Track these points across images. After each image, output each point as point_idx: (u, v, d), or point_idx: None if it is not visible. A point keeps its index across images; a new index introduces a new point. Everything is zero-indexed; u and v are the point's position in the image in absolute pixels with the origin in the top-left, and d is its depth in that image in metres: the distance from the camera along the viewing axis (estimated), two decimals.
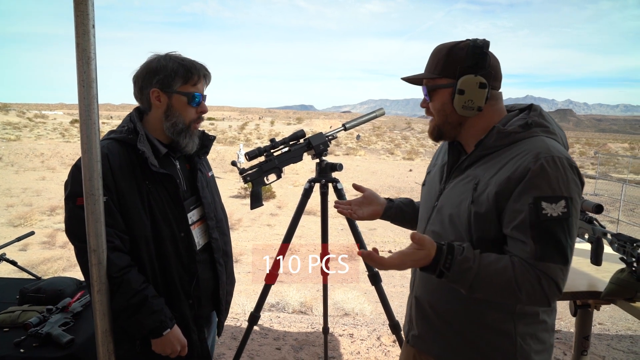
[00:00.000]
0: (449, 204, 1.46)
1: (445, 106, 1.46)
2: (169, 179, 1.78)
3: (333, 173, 2.61)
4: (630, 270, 1.81)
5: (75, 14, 1.38)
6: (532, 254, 1.26)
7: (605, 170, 27.31)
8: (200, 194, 1.93)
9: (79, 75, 1.43)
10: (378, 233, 12.18)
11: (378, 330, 4.31)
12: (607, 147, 59.56)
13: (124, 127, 1.79)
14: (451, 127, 1.48)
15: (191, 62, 1.79)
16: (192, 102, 1.79)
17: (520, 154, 1.32)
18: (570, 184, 1.27)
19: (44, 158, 26.12)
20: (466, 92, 1.39)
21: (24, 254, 9.58)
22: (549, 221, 1.25)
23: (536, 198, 1.25)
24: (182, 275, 1.80)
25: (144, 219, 1.72)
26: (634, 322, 5.19)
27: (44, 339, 1.94)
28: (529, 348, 1.41)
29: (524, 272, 1.26)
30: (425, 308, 1.54)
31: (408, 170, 26.71)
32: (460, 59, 1.40)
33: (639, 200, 16.47)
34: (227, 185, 18.83)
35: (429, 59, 1.49)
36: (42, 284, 2.37)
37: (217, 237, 1.99)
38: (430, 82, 1.48)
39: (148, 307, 1.66)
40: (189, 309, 1.83)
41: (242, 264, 9.10)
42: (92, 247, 1.53)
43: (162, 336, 1.70)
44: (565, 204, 1.25)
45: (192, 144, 1.85)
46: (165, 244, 1.76)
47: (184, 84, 1.76)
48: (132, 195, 1.70)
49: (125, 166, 1.71)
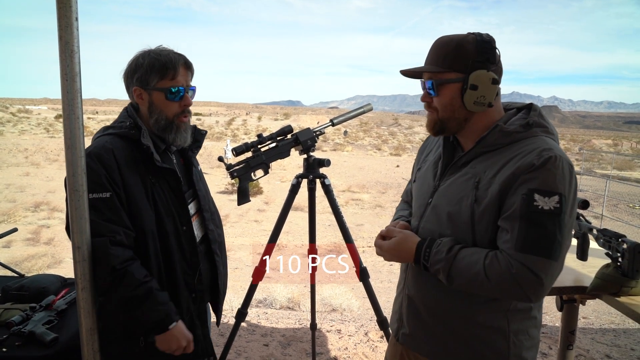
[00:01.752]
0: (447, 202, 1.44)
1: (454, 101, 1.41)
2: (172, 173, 1.79)
3: (321, 169, 2.60)
4: (616, 265, 1.83)
5: (58, 6, 1.35)
6: (511, 244, 1.27)
7: (590, 166, 27.69)
8: (195, 187, 1.95)
9: (62, 69, 1.40)
10: (365, 229, 12.22)
11: (366, 326, 4.32)
12: (592, 143, 60.39)
13: (124, 123, 1.77)
14: (457, 122, 1.44)
15: (168, 56, 1.74)
16: (171, 97, 1.76)
17: (522, 152, 1.32)
18: (567, 184, 1.27)
19: (28, 153, 25.75)
20: (479, 88, 1.36)
21: (7, 251, 9.43)
22: (538, 213, 1.25)
23: (530, 189, 1.26)
24: (185, 270, 1.81)
25: (150, 214, 1.71)
26: (617, 316, 5.27)
27: (27, 338, 1.90)
28: (521, 344, 1.42)
29: (493, 262, 1.28)
30: (418, 306, 1.54)
31: (395, 166, 26.82)
32: (470, 53, 1.37)
33: (622, 196, 16.73)
34: (214, 181, 18.72)
35: (433, 51, 1.43)
36: (25, 282, 2.33)
37: (213, 229, 2.00)
38: (437, 75, 1.42)
39: (153, 299, 1.63)
40: (192, 304, 1.83)
41: (229, 260, 9.05)
42: (76, 244, 1.51)
43: (168, 330, 1.66)
44: (558, 200, 1.25)
45: (180, 138, 1.82)
46: (169, 239, 1.76)
47: (161, 79, 1.73)
48: (138, 190, 1.70)
49: (131, 161, 1.70)
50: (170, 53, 1.77)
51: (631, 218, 14.09)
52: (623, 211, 15.27)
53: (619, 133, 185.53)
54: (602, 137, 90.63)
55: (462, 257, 1.34)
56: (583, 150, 22.03)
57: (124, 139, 1.73)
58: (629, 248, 1.76)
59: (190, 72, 1.83)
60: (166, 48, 1.79)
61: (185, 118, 1.82)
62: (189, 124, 1.88)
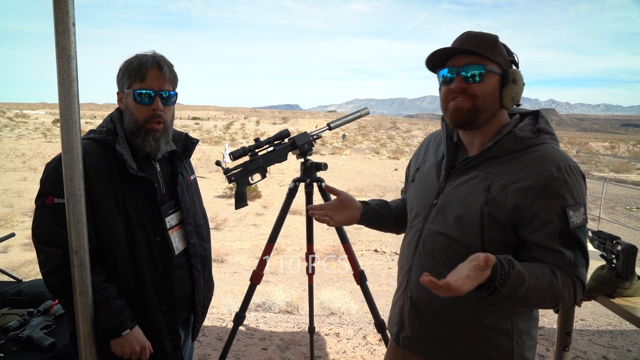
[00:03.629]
0: (455, 204, 1.43)
1: (494, 92, 1.39)
2: (147, 182, 1.74)
3: (318, 172, 2.61)
4: (610, 267, 1.84)
5: (55, 11, 1.36)
6: (569, 263, 1.30)
7: (587, 168, 27.72)
8: (179, 198, 1.89)
9: (59, 74, 1.40)
10: (364, 232, 12.21)
11: (364, 329, 4.32)
12: (589, 146, 60.50)
13: (103, 128, 1.76)
14: (489, 114, 1.40)
15: (140, 59, 1.72)
16: (138, 100, 1.71)
17: (539, 161, 1.33)
18: (584, 191, 1.33)
19: (26, 158, 25.70)
20: (518, 84, 1.38)
21: (5, 256, 9.42)
22: (576, 228, 1.30)
23: (563, 207, 1.29)
24: (157, 281, 1.76)
25: (118, 223, 1.68)
26: (614, 317, 5.28)
27: (24, 343, 1.91)
28: (524, 344, 1.44)
29: (564, 281, 1.30)
30: (422, 309, 1.52)
31: (394, 169, 26.83)
32: (505, 50, 1.41)
33: (619, 198, 16.76)
34: (213, 185, 18.72)
35: (474, 39, 1.39)
36: (22, 287, 2.34)
37: (195, 242, 1.94)
38: (485, 61, 1.37)
39: (108, 307, 1.63)
40: (162, 316, 1.78)
41: (227, 264, 9.06)
42: (74, 248, 1.51)
43: (121, 336, 1.66)
44: (584, 211, 1.32)
45: (149, 145, 1.75)
46: (139, 249, 1.72)
47: (132, 82, 1.72)
48: (107, 198, 1.67)
49: (102, 168, 1.68)
50: (145, 57, 1.73)
51: (628, 220, 14.11)
52: (620, 213, 15.30)
53: (616, 136, 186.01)
54: (599, 140, 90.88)
55: (535, 276, 1.26)
56: (580, 152, 22.08)
57: (101, 144, 1.72)
58: (623, 250, 1.77)
59: (167, 77, 1.74)
60: (153, 54, 1.75)
61: (157, 125, 1.74)
62: (165, 131, 1.79)
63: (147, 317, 1.75)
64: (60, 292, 1.64)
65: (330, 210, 1.67)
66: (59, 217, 1.60)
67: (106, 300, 1.63)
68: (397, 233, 1.84)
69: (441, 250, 1.46)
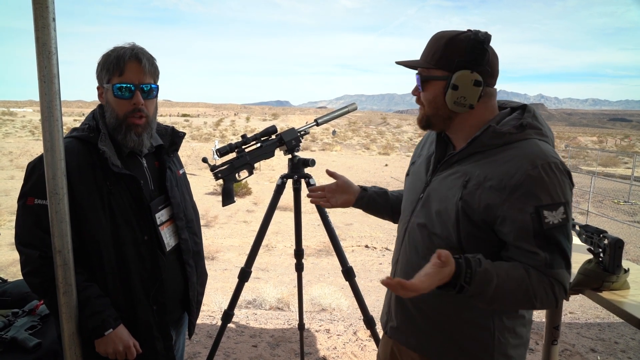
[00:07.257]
0: (437, 199, 1.44)
1: (437, 99, 1.41)
2: (131, 179, 1.70)
3: (306, 169, 2.60)
4: (597, 260, 1.85)
5: (34, 6, 1.34)
6: (543, 263, 1.28)
7: (575, 163, 27.95)
8: (169, 193, 1.86)
9: (40, 71, 1.38)
10: (354, 228, 12.22)
11: (354, 325, 4.33)
12: (577, 140, 61.08)
13: (85, 125, 1.73)
14: (441, 119, 1.45)
15: (118, 52, 1.68)
16: (118, 94, 1.68)
17: (515, 159, 1.30)
18: (566, 189, 1.28)
19: (13, 157, 25.38)
20: (460, 88, 1.35)
21: None
22: (551, 229, 1.26)
23: (537, 207, 1.26)
24: (145, 280, 1.73)
25: (103, 222, 1.66)
26: (602, 310, 5.33)
27: (8, 344, 1.88)
28: (507, 342, 1.43)
29: (539, 281, 1.27)
30: (405, 300, 1.53)
31: (384, 165, 26.86)
32: (458, 51, 1.35)
33: (607, 192, 16.93)
34: (202, 182, 18.62)
35: (427, 46, 1.43)
36: (7, 287, 2.31)
37: (187, 238, 1.92)
38: (424, 71, 1.43)
39: (90, 307, 1.61)
40: (152, 316, 1.75)
41: (218, 261, 9.02)
42: (57, 248, 1.49)
43: (104, 336, 1.63)
44: (564, 210, 1.27)
45: (131, 140, 1.72)
46: (126, 248, 1.69)
47: (111, 76, 1.68)
48: (90, 197, 1.64)
49: (85, 166, 1.65)
50: (123, 49, 1.69)
51: (616, 214, 14.25)
52: (608, 207, 15.44)
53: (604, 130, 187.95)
54: (587, 134, 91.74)
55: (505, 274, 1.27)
56: (569, 147, 22.27)
57: (83, 142, 1.68)
58: (609, 243, 1.78)
59: (146, 70, 1.71)
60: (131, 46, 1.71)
61: (138, 120, 1.71)
62: (148, 125, 1.76)
63: (136, 317, 1.73)
64: (41, 292, 1.63)
65: (329, 192, 1.84)
66: (39, 218, 1.58)
67: (87, 299, 1.60)
68: (394, 222, 1.87)
69: (423, 244, 1.47)
